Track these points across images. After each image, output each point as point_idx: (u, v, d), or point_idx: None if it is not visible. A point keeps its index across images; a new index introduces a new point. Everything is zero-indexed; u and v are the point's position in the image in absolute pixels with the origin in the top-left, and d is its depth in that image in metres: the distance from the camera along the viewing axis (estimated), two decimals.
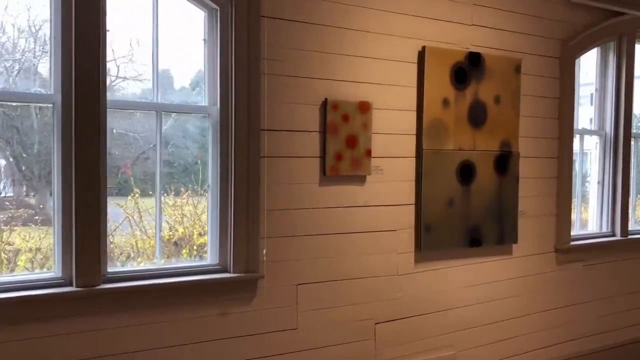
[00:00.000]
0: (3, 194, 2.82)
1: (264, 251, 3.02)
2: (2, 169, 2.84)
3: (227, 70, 2.94)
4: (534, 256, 4.13)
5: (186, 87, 3.13)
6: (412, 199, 3.56)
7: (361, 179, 3.36)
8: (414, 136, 3.55)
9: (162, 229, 3.03)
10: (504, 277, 3.99)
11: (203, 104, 3.01)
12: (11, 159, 2.82)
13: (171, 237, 3.37)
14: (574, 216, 4.42)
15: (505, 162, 3.89)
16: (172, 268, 2.90)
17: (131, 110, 2.95)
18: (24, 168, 2.85)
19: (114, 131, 2.88)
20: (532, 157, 4.08)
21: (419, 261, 3.60)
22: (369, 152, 3.34)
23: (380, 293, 3.45)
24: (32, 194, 2.93)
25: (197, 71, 3.08)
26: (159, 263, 2.91)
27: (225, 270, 2.97)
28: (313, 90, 3.18)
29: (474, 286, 3.84)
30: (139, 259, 3.09)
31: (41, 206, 2.91)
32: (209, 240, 3.03)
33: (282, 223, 3.09)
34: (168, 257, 3.17)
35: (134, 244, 3.17)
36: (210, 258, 3.01)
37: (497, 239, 3.89)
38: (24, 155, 2.80)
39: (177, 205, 3.31)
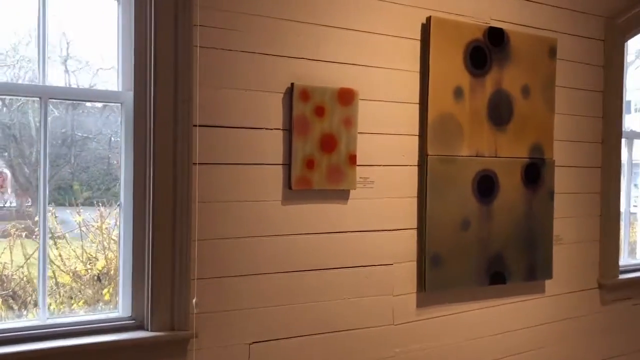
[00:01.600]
0: None
1: (194, 300, 2.10)
2: None
3: (145, 41, 2.06)
4: (572, 294, 3.20)
5: (96, 65, 2.24)
6: (414, 222, 2.65)
7: (343, 195, 2.45)
8: (416, 137, 2.65)
9: (76, 259, 2.16)
10: (535, 322, 3.06)
11: (115, 89, 2.13)
12: None
13: (88, 271, 2.49)
14: (621, 241, 3.48)
15: (536, 172, 2.97)
16: (61, 325, 2.00)
17: (8, 97, 2.07)
18: None
19: None
20: (570, 166, 3.17)
21: (423, 305, 2.68)
22: (353, 159, 2.44)
23: (371, 350, 2.53)
24: None
25: (109, 43, 2.20)
26: (43, 316, 2.01)
27: (140, 327, 2.07)
28: (274, 71, 2.29)
29: (496, 336, 2.91)
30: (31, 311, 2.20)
31: None
32: (120, 282, 2.13)
33: (225, 257, 2.19)
34: (86, 303, 2.28)
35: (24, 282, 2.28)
36: (121, 308, 2.11)
37: (527, 273, 2.96)
38: None
39: (95, 226, 2.43)
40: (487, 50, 2.80)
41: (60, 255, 2.35)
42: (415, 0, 2.62)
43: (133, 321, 2.07)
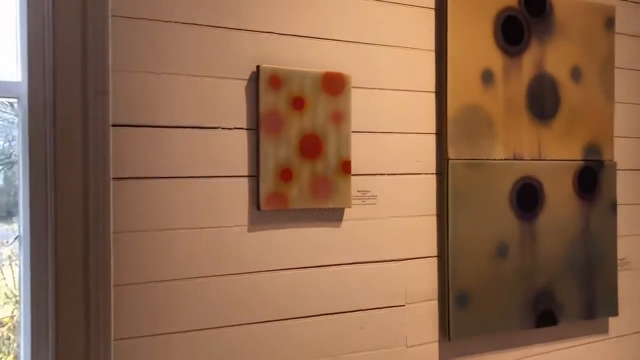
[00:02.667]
0: None
1: None
2: None
3: (43, 10, 1.48)
4: None
5: None
6: (433, 248, 2.01)
7: (333, 216, 1.83)
8: (433, 136, 2.01)
9: None
10: None
11: (13, 79, 1.56)
12: None
13: None
14: None
15: (592, 178, 2.29)
16: None
17: None
18: None
19: None
20: (636, 169, 2.48)
21: (448, 358, 2.03)
22: (346, 166, 1.82)
23: None
24: None
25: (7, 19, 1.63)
26: None
27: None
28: (232, 50, 1.69)
29: None
30: None
31: None
32: (21, 344, 1.54)
33: (162, 308, 1.58)
34: None
35: None
36: None
37: (584, 309, 2.28)
38: None
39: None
40: (523, 21, 2.15)
41: None
42: None
43: None
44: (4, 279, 1.67)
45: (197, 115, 1.64)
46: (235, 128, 1.70)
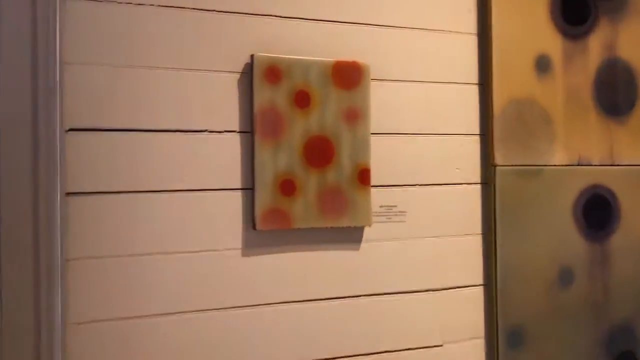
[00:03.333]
0: None
1: None
2: None
3: None
4: None
5: None
6: (478, 275, 1.64)
7: (349, 236, 1.50)
8: (476, 138, 1.65)
9: None
10: None
11: None
12: None
13: None
14: None
15: None
16: None
17: None
18: None
19: None
20: None
21: None
22: (365, 175, 1.49)
23: None
24: None
25: None
26: None
27: None
28: (221, 37, 1.40)
29: None
30: None
31: None
32: None
33: (132, 345, 1.29)
34: None
35: None
36: None
37: None
38: None
39: None
40: None
41: None
42: None
43: None
44: None
45: (177, 117, 1.36)
46: (225, 131, 1.40)
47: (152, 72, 1.34)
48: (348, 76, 1.47)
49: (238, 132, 1.41)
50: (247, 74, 1.41)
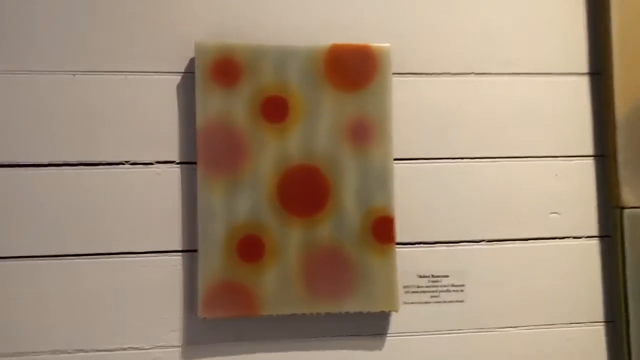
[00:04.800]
0: None
1: None
2: None
3: None
4: None
5: None
6: None
7: (364, 328, 0.92)
8: (585, 163, 1.00)
9: None
10: None
11: None
12: None
13: None
14: None
15: None
16: None
17: None
18: None
19: None
20: None
21: None
22: (385, 227, 0.91)
23: None
24: None
25: None
26: None
27: None
28: (151, 22, 0.92)
29: None
30: None
31: None
32: None
33: None
34: None
35: None
36: None
37: None
38: None
39: None
40: None
41: None
42: None
43: None
44: None
45: (81, 145, 0.90)
46: (157, 163, 0.91)
47: (39, 80, 0.89)
48: (353, 69, 0.92)
49: (176, 164, 0.91)
50: (189, 78, 0.92)
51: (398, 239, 0.93)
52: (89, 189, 0.89)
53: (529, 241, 0.97)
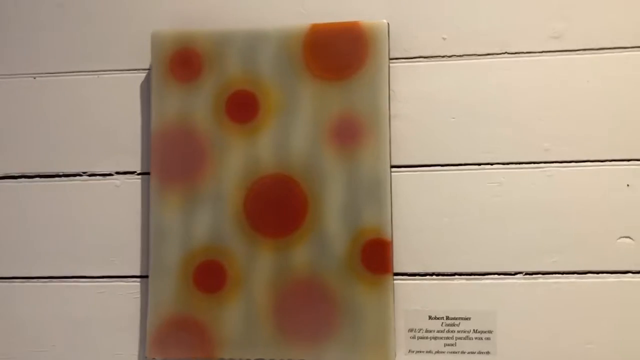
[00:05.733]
0: None
1: None
2: None
3: None
4: None
5: None
6: None
7: None
8: None
9: None
10: None
11: None
12: None
13: None
14: None
15: None
16: None
17: None
18: None
19: None
20: None
21: None
22: (379, 252, 0.71)
23: None
24: None
25: None
26: None
27: None
28: (104, 15, 0.81)
29: None
30: None
31: None
32: None
33: None
34: None
35: None
36: None
37: None
38: None
39: None
40: None
41: None
42: None
43: None
44: None
45: (37, 154, 0.80)
46: (116, 173, 0.79)
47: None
48: (339, 53, 0.73)
49: (139, 175, 0.78)
50: (145, 80, 0.79)
51: (397, 268, 0.73)
52: (44, 202, 0.79)
53: (586, 275, 0.72)
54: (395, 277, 0.73)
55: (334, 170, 0.72)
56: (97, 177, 0.79)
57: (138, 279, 0.77)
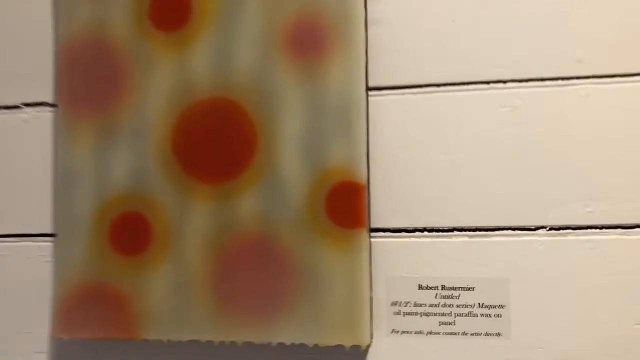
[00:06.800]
0: None
1: None
2: None
3: None
4: None
5: None
6: None
7: None
8: None
9: None
10: None
11: None
12: None
13: None
14: None
15: None
16: None
17: None
18: None
19: None
20: None
21: None
22: (351, 199, 0.53)
23: None
24: None
25: None
26: None
27: None
28: None
29: None
30: None
31: None
32: None
33: None
34: None
35: None
36: None
37: None
38: None
39: None
40: None
41: None
42: None
43: None
44: None
45: None
46: (24, 105, 0.62)
47: None
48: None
49: (52, 107, 0.61)
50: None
51: (375, 222, 0.54)
52: None
53: (633, 230, 0.52)
54: (373, 233, 0.54)
55: (291, 92, 0.54)
56: (2, 110, 0.62)
57: (50, 238, 0.60)
